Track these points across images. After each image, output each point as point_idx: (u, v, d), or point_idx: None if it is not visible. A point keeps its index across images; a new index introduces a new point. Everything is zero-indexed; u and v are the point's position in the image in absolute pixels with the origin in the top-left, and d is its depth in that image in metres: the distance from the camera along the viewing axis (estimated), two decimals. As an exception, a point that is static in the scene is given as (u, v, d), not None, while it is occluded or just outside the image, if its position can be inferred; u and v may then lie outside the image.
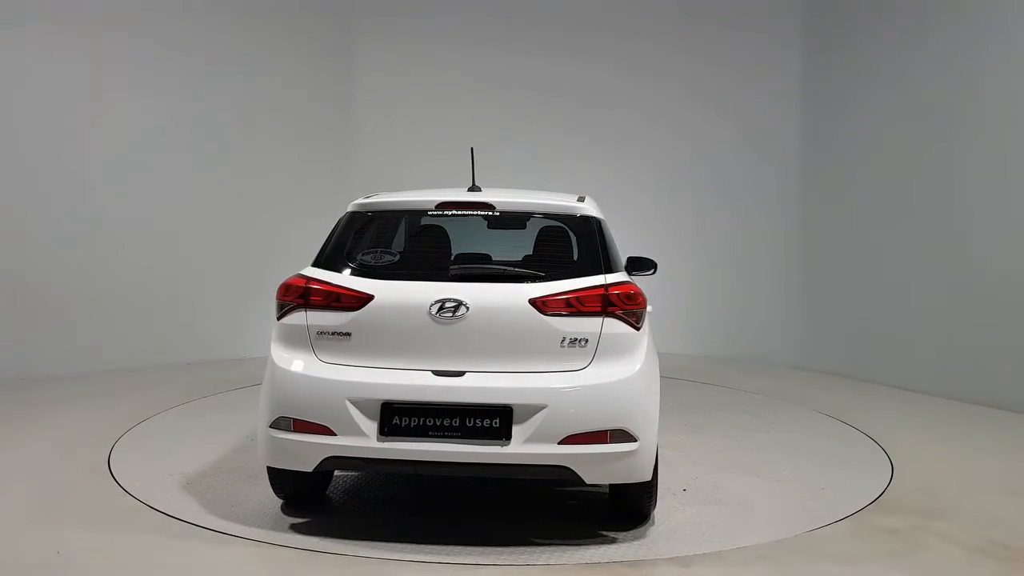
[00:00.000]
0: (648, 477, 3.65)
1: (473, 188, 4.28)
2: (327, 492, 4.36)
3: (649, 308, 5.32)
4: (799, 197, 9.05)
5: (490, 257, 4.31)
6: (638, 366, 3.62)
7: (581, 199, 4.24)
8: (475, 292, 3.62)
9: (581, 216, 4.04)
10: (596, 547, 3.68)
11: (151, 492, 4.30)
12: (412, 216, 4.31)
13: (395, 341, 3.62)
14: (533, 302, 3.58)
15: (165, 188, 8.21)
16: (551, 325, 3.56)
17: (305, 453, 3.58)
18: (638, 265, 5.67)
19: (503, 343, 3.58)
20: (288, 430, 3.59)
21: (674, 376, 7.82)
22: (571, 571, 3.43)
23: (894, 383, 7.56)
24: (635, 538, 3.78)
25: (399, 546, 3.62)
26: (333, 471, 4.24)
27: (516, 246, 4.25)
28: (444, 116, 9.41)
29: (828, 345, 8.58)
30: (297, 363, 3.66)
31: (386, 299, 3.65)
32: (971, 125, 7.02)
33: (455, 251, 4.32)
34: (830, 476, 4.83)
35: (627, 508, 3.95)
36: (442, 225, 4.31)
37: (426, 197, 4.11)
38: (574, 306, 3.60)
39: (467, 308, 3.58)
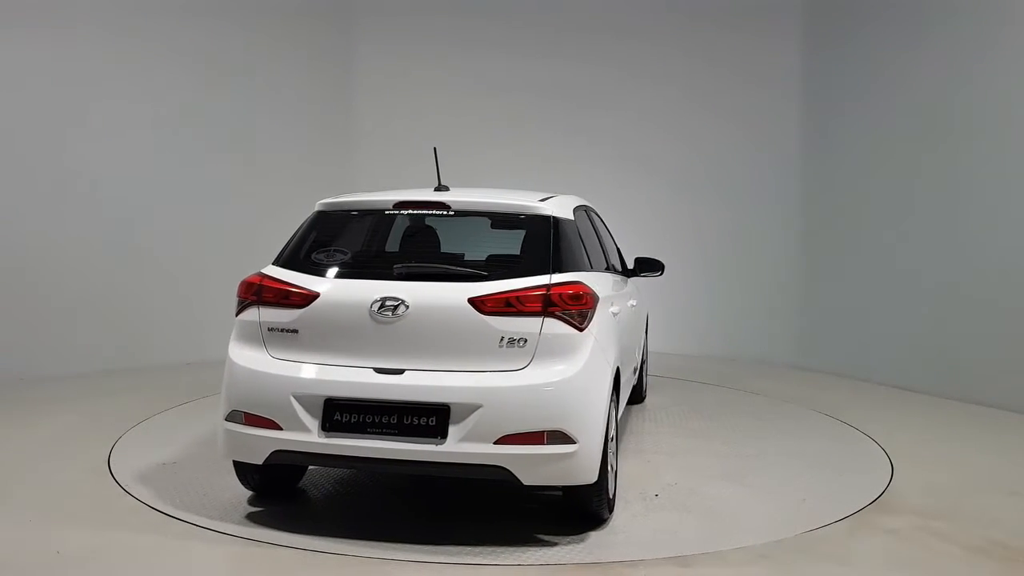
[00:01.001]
0: (591, 480, 3.60)
1: (440, 188, 4.32)
2: (300, 486, 4.41)
3: (632, 302, 5.31)
4: (799, 197, 9.05)
5: (463, 256, 4.30)
6: (579, 367, 3.58)
7: (545, 199, 4.21)
8: (416, 291, 3.65)
9: (535, 215, 4.01)
10: (537, 549, 3.64)
11: (151, 492, 4.30)
12: (375, 215, 4.34)
13: (339, 338, 3.68)
14: (472, 301, 3.58)
15: (165, 188, 8.20)
16: (490, 324, 3.56)
17: (255, 446, 3.68)
18: (645, 266, 5.75)
19: (442, 342, 3.59)
20: (241, 423, 3.70)
21: (674, 376, 7.83)
22: (570, 570, 3.43)
23: (894, 383, 7.56)
24: (579, 541, 3.73)
25: (399, 546, 3.62)
26: (305, 466, 4.34)
27: (513, 245, 4.25)
28: (444, 116, 9.41)
29: (828, 345, 8.58)
30: (249, 358, 3.78)
31: (331, 297, 3.73)
32: (971, 125, 7.02)
33: (444, 251, 4.32)
34: (822, 483, 4.75)
35: (578, 510, 3.90)
36: (433, 226, 4.31)
37: (386, 197, 4.17)
38: (514, 305, 3.58)
39: (407, 307, 3.60)
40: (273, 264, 4.01)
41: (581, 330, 3.64)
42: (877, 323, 7.98)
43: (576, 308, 3.64)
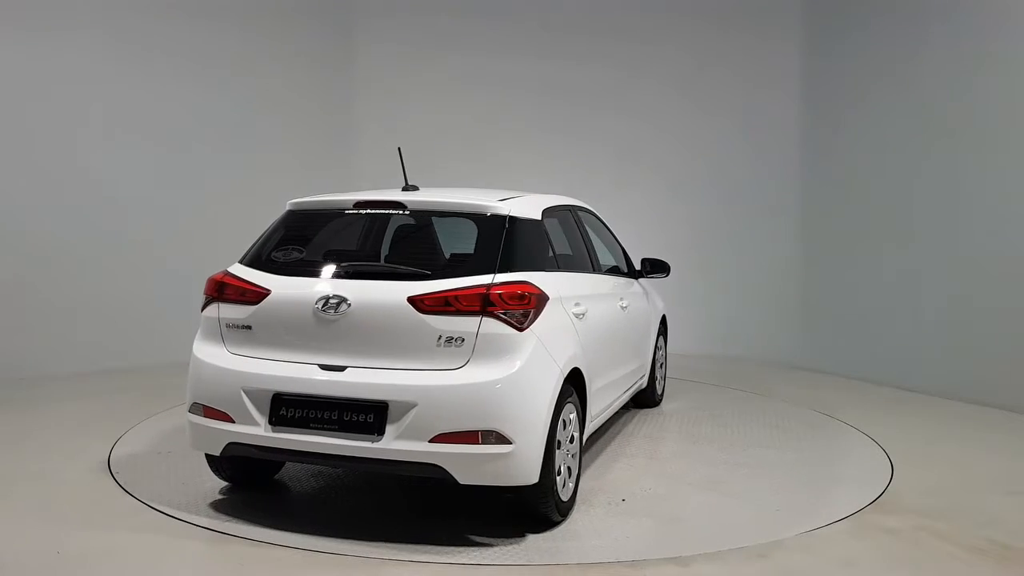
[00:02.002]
0: (531, 481, 3.58)
1: (407, 188, 4.40)
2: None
3: (623, 303, 5.31)
4: (799, 197, 9.05)
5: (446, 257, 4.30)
6: (516, 367, 3.56)
7: (508, 199, 4.18)
8: (359, 289, 3.71)
9: (489, 215, 3.99)
10: (472, 550, 3.62)
11: (151, 492, 4.30)
12: (339, 215, 4.33)
13: (286, 335, 3.78)
14: (411, 300, 3.61)
15: (165, 188, 8.20)
16: (428, 323, 3.58)
17: (213, 438, 3.82)
18: (652, 267, 5.84)
19: (382, 340, 3.64)
20: (201, 415, 3.84)
21: (674, 376, 7.82)
22: (571, 570, 3.43)
23: (894, 383, 7.56)
24: (517, 543, 3.70)
25: (399, 546, 3.62)
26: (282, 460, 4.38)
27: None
28: (444, 117, 9.41)
29: (828, 345, 8.57)
30: (208, 352, 3.92)
31: (280, 294, 3.83)
32: (971, 126, 7.02)
33: (447, 251, 4.32)
34: (820, 482, 4.75)
35: (526, 512, 3.86)
36: (432, 227, 4.31)
37: (348, 197, 4.24)
38: (452, 304, 3.60)
39: (349, 305, 3.65)
40: (239, 262, 4.10)
41: (521, 330, 3.62)
42: (877, 323, 7.98)
43: (518, 308, 3.63)
